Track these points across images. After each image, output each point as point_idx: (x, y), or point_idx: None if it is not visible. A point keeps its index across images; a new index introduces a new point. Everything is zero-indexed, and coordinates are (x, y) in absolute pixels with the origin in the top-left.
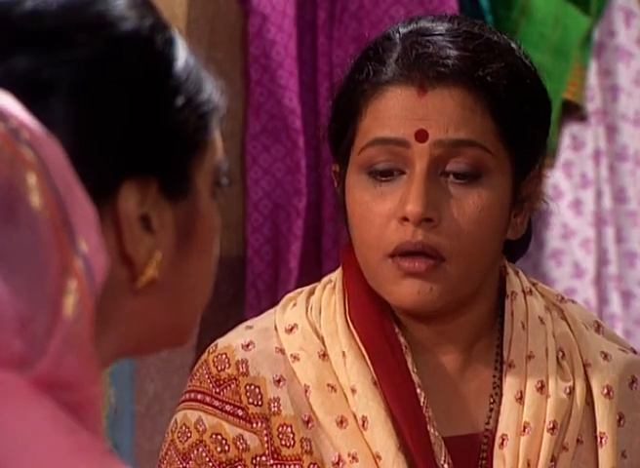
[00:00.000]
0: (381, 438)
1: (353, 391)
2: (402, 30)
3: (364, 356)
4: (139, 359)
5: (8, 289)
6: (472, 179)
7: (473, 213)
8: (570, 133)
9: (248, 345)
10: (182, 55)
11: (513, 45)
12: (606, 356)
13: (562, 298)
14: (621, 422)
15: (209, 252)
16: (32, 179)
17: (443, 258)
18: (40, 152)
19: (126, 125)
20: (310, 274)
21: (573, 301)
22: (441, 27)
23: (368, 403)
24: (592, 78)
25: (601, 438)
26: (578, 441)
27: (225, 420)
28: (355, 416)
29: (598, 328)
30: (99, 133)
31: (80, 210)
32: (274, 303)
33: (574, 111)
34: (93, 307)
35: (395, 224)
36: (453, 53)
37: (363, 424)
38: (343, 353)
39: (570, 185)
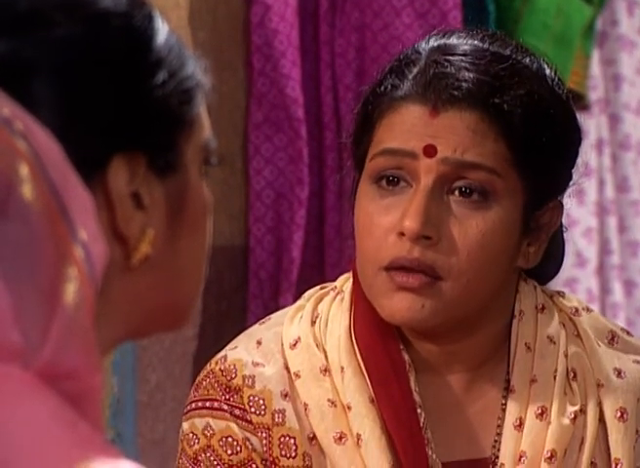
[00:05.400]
0: (375, 456)
1: (348, 408)
2: (430, 43)
3: (363, 372)
4: (141, 348)
5: (2, 281)
6: (479, 201)
7: (476, 235)
8: None
9: (257, 364)
10: (163, 30)
11: (547, 71)
12: (620, 373)
13: (576, 310)
14: (638, 438)
15: (202, 228)
16: (24, 171)
17: (440, 277)
18: (33, 143)
19: (109, 101)
20: (312, 263)
21: (588, 310)
22: (467, 47)
23: (363, 420)
24: (595, 67)
25: (616, 464)
26: (592, 463)
27: (234, 422)
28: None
29: (613, 338)
30: (82, 111)
31: (77, 198)
32: (276, 293)
33: (576, 100)
34: (94, 295)
35: (393, 238)
36: (471, 76)
37: (358, 441)
38: (342, 368)
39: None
